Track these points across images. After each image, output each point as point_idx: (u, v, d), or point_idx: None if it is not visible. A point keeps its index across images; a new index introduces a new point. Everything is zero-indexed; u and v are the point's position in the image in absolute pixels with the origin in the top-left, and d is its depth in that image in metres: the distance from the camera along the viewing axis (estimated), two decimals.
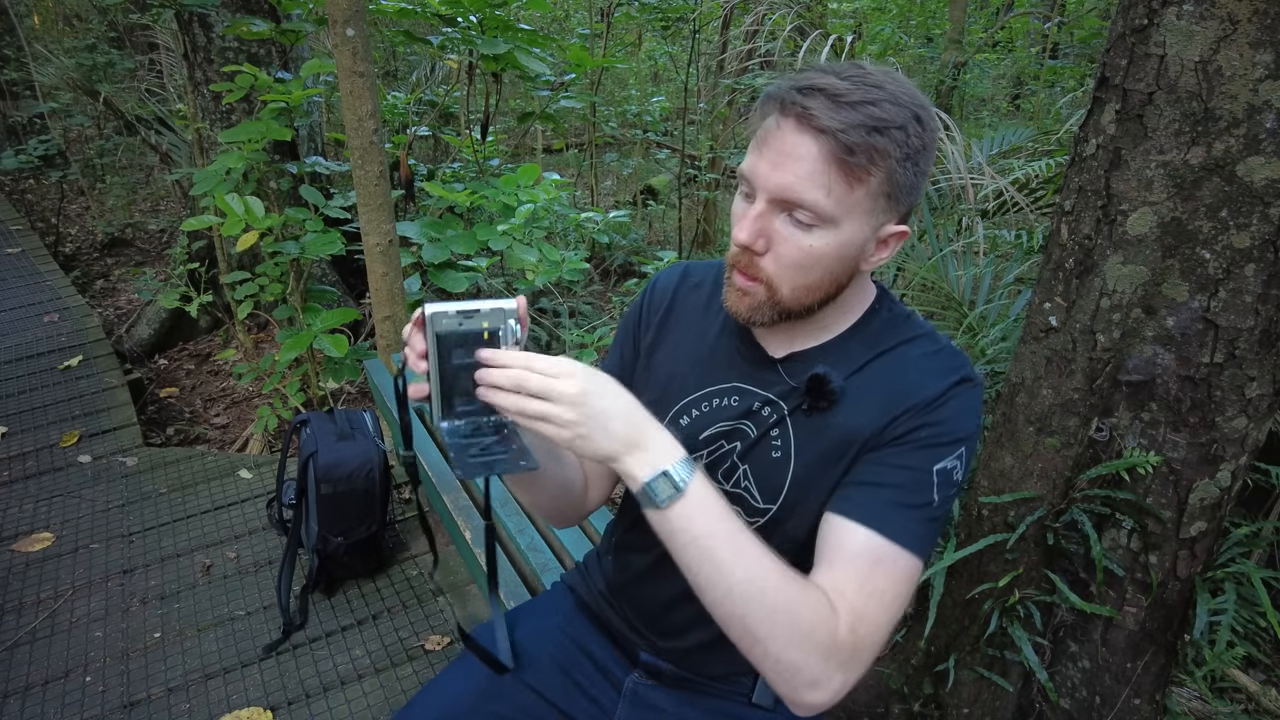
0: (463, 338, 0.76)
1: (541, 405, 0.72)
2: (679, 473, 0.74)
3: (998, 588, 1.51)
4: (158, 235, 5.42)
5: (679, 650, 1.02)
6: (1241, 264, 1.16)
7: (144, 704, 1.81)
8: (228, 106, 3.49)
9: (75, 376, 3.31)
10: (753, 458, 0.91)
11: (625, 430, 0.74)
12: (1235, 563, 1.47)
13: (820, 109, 0.74)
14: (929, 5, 7.54)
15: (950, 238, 2.54)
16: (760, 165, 0.79)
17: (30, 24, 6.67)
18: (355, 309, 2.99)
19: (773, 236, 0.80)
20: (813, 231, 0.78)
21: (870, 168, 0.76)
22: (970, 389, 0.85)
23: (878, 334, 0.91)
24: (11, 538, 2.36)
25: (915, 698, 1.68)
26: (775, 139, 0.78)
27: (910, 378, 0.86)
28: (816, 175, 0.75)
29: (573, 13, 6.82)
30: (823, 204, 0.76)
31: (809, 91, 0.75)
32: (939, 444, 0.83)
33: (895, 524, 0.80)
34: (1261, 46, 1.07)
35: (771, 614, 0.72)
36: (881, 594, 0.78)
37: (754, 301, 0.84)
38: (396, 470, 2.59)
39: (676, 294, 1.02)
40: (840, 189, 0.76)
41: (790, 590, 0.74)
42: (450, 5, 3.06)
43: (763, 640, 0.73)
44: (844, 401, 0.87)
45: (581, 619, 1.12)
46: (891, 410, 0.84)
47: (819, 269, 0.81)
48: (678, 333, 1.00)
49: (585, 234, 3.84)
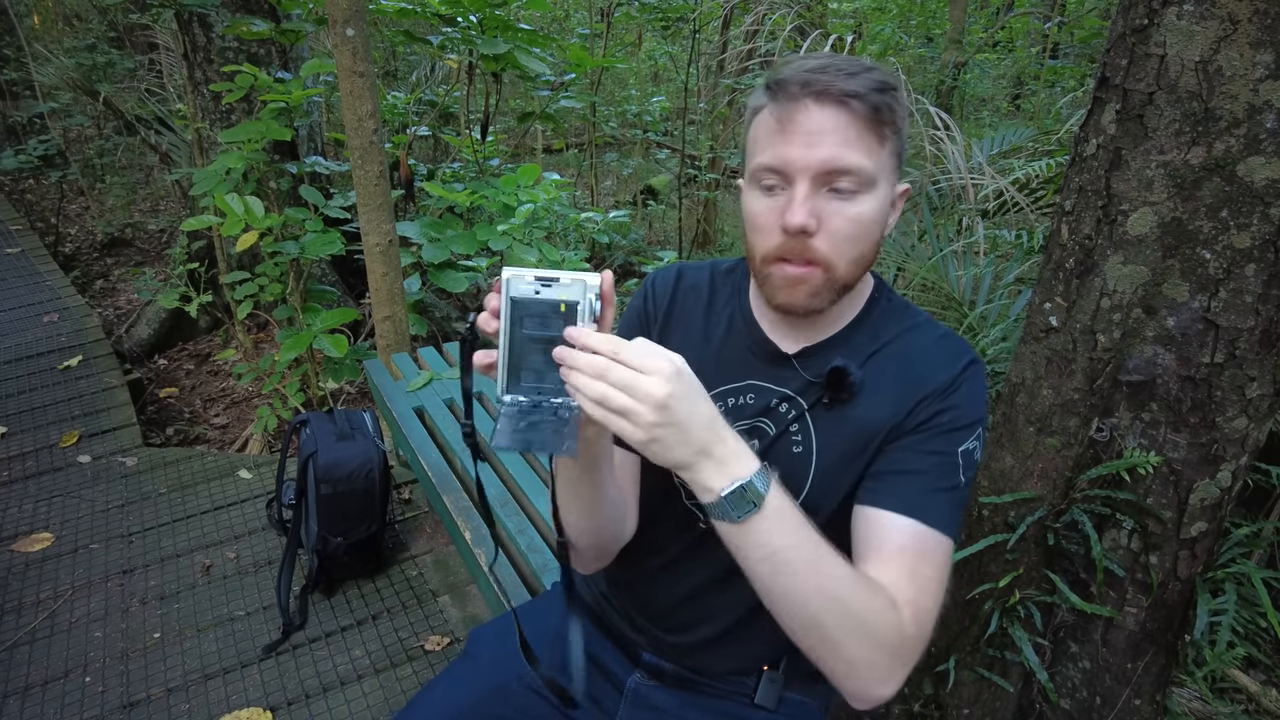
0: (538, 307, 0.69)
1: (624, 400, 0.65)
2: (757, 485, 0.69)
3: (998, 588, 1.51)
4: (157, 235, 5.42)
5: (684, 646, 1.01)
6: (1242, 264, 1.16)
7: (144, 704, 1.81)
8: (228, 106, 3.49)
9: (75, 376, 3.31)
10: (773, 455, 0.91)
11: (703, 438, 0.68)
12: (1236, 563, 1.47)
13: (836, 80, 0.78)
14: (929, 5, 7.53)
15: (950, 238, 2.54)
16: (791, 150, 0.79)
17: (30, 24, 6.67)
18: (355, 309, 2.99)
19: (821, 214, 0.80)
20: (856, 199, 0.80)
21: (889, 127, 0.80)
22: (977, 369, 0.89)
23: (880, 323, 0.92)
24: (11, 538, 2.36)
25: (915, 698, 1.68)
26: (799, 120, 0.79)
27: (921, 366, 0.88)
28: (854, 141, 0.78)
29: (573, 13, 6.81)
30: (867, 167, 0.79)
31: (815, 71, 0.79)
32: (960, 427, 0.85)
33: (933, 510, 0.82)
34: (1262, 46, 1.06)
35: (847, 620, 0.73)
36: (929, 582, 0.80)
37: (812, 287, 0.83)
38: (396, 470, 2.59)
39: (675, 295, 1.02)
40: (875, 150, 0.80)
41: (862, 594, 0.74)
42: (450, 5, 3.06)
43: (838, 645, 0.74)
44: (861, 393, 0.88)
45: (583, 620, 1.12)
46: (909, 400, 0.87)
47: (868, 237, 0.83)
48: (680, 334, 1.00)
49: (585, 234, 3.84)
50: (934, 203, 2.81)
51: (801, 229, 0.79)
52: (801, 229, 0.79)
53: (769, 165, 0.81)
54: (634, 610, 1.05)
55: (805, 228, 0.79)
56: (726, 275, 1.02)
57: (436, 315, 3.63)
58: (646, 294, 1.03)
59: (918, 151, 2.76)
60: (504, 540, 1.78)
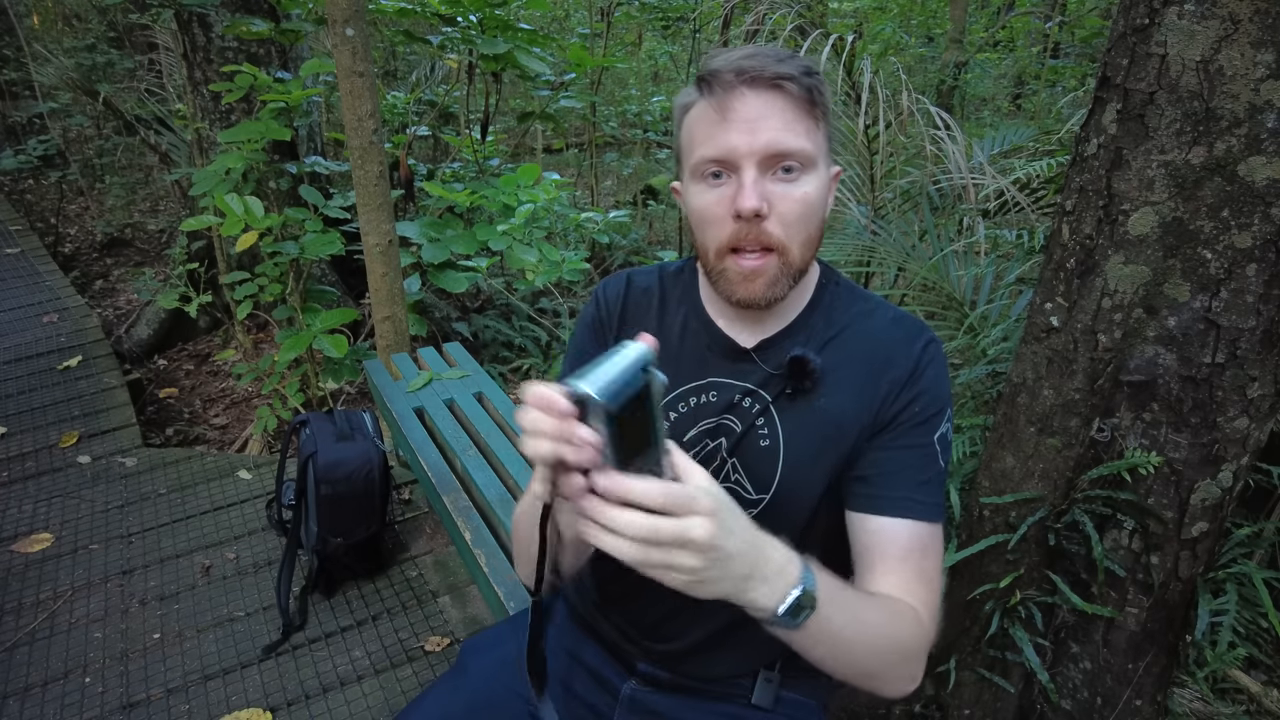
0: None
1: (669, 556, 0.59)
2: (809, 588, 0.67)
3: (999, 588, 1.50)
4: (157, 235, 5.42)
5: (676, 654, 1.01)
6: (1243, 264, 1.15)
7: (143, 705, 1.81)
8: (227, 106, 3.49)
9: (74, 377, 3.30)
10: (741, 451, 0.92)
11: (748, 561, 0.63)
12: (1237, 563, 1.47)
13: (768, 65, 0.80)
14: (930, 5, 7.53)
15: (951, 238, 2.54)
16: (733, 137, 0.80)
17: (30, 24, 6.67)
18: (355, 309, 2.99)
19: (770, 198, 0.81)
20: (801, 179, 0.82)
21: (820, 109, 0.82)
22: (936, 348, 0.90)
23: (832, 308, 0.93)
24: (11, 538, 2.36)
25: (916, 699, 1.68)
26: (737, 108, 0.80)
27: (881, 351, 0.90)
28: (793, 124, 0.80)
29: (573, 12, 6.81)
30: (807, 146, 0.81)
31: (745, 59, 0.80)
32: (931, 415, 0.88)
33: (922, 505, 0.85)
34: (1263, 46, 1.06)
35: (889, 654, 0.78)
36: (932, 575, 0.85)
37: (770, 277, 0.83)
38: (396, 471, 2.58)
39: (626, 301, 1.01)
40: (811, 130, 0.82)
41: (896, 625, 0.78)
42: (450, 5, 3.06)
43: (879, 674, 0.78)
44: (823, 381, 0.89)
45: (575, 629, 1.10)
46: (876, 389, 0.88)
47: (815, 216, 0.84)
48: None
49: (585, 234, 3.84)
50: (934, 202, 2.81)
51: (755, 212, 0.79)
52: (755, 212, 0.79)
53: (712, 156, 0.81)
54: (625, 624, 1.04)
55: (759, 211, 0.80)
56: (676, 276, 1.02)
57: (436, 315, 3.63)
58: (598, 302, 1.03)
59: (918, 151, 2.76)
60: (504, 543, 1.77)
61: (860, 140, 2.74)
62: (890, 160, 2.90)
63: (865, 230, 2.66)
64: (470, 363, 2.49)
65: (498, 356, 3.69)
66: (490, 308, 3.98)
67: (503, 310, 3.94)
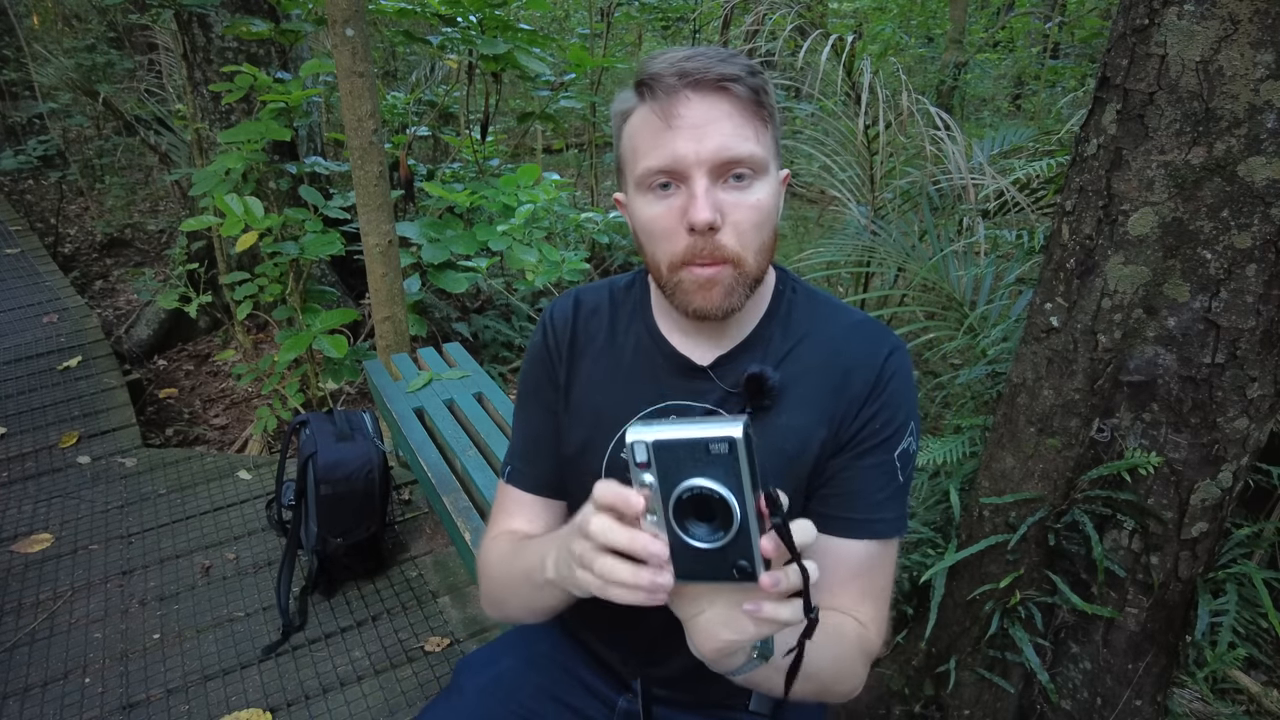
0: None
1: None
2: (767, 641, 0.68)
3: (999, 589, 1.50)
4: (157, 235, 5.42)
5: (670, 677, 0.99)
6: (1243, 264, 1.15)
7: (143, 705, 1.81)
8: (227, 106, 3.48)
9: (74, 377, 3.30)
10: None
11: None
12: (1237, 564, 1.47)
13: (711, 65, 0.75)
14: (929, 5, 7.54)
15: (951, 238, 2.54)
16: (680, 145, 0.75)
17: (30, 24, 6.67)
18: (355, 309, 2.99)
19: (722, 208, 0.77)
20: (753, 186, 0.78)
21: (767, 110, 0.79)
22: (900, 357, 0.87)
23: (790, 317, 0.90)
24: (11, 539, 2.36)
25: (916, 699, 1.68)
26: (681, 113, 0.76)
27: (841, 362, 0.86)
28: (741, 126, 0.76)
29: (573, 13, 6.81)
30: (758, 151, 0.77)
31: (686, 59, 0.76)
32: (892, 433, 0.85)
33: (878, 524, 0.85)
34: (1262, 46, 1.06)
35: (840, 670, 0.80)
36: (884, 590, 0.86)
37: (725, 286, 0.79)
38: (396, 471, 2.58)
39: (576, 324, 0.96)
40: (760, 132, 0.78)
41: (845, 643, 0.80)
42: (450, 5, 3.07)
43: (832, 687, 0.81)
44: (783, 397, 0.85)
45: (568, 645, 1.09)
46: (836, 404, 0.85)
47: (769, 223, 0.81)
48: (587, 363, 0.94)
49: (585, 234, 3.84)
50: (934, 203, 2.81)
51: (709, 225, 0.75)
52: (709, 225, 0.75)
53: (659, 166, 0.77)
54: (613, 646, 1.03)
55: (713, 223, 0.76)
56: (626, 291, 0.97)
57: (436, 315, 3.62)
58: (546, 329, 0.97)
59: (918, 152, 2.76)
60: None
61: (860, 140, 2.74)
62: (890, 160, 2.90)
63: (865, 230, 2.67)
64: (470, 363, 2.49)
65: (498, 357, 3.70)
66: (490, 308, 3.98)
67: (503, 310, 3.94)
